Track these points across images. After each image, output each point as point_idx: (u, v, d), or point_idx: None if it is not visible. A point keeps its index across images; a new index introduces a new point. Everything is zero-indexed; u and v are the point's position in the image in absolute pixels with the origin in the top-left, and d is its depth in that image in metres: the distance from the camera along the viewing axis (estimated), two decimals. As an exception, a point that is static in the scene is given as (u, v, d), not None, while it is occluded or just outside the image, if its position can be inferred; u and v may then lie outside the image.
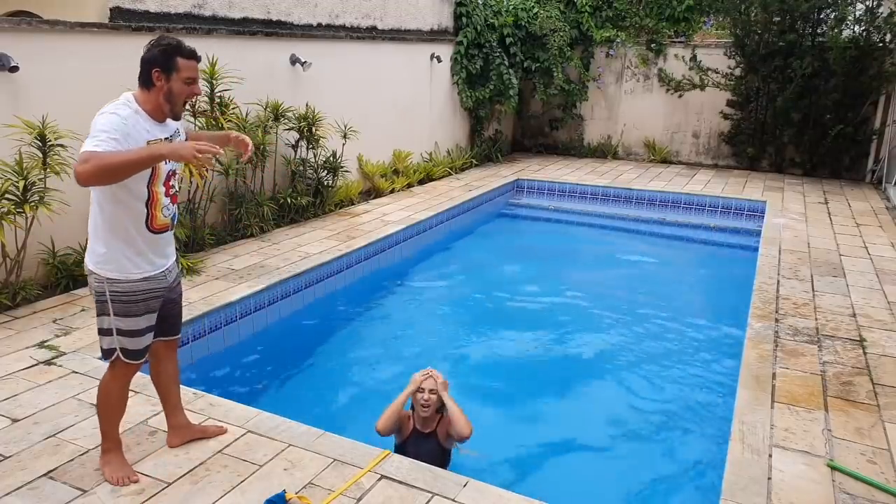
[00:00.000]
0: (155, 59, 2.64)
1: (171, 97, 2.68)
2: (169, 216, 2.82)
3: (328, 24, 8.01)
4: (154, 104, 2.68)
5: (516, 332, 5.70)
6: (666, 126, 11.94)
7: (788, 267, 6.20)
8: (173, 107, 2.71)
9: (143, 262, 2.75)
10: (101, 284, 2.72)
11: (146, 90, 2.68)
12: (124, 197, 2.65)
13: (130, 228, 2.69)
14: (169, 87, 2.66)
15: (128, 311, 2.75)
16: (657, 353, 5.33)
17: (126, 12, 5.68)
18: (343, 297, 6.09)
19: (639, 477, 3.81)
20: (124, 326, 2.77)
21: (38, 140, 4.62)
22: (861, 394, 3.87)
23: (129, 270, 2.72)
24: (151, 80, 2.65)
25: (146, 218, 2.72)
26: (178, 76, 2.66)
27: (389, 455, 3.12)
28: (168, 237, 2.87)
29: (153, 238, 2.77)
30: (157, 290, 2.83)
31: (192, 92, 2.73)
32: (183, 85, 2.68)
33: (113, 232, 2.69)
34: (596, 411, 4.52)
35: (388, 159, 9.34)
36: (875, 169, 10.42)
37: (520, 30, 11.27)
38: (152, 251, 2.78)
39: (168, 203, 2.79)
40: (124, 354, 2.81)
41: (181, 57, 2.66)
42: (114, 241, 2.69)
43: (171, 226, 2.86)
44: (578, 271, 7.53)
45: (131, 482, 2.87)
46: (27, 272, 4.87)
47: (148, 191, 2.68)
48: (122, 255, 2.70)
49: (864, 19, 9.94)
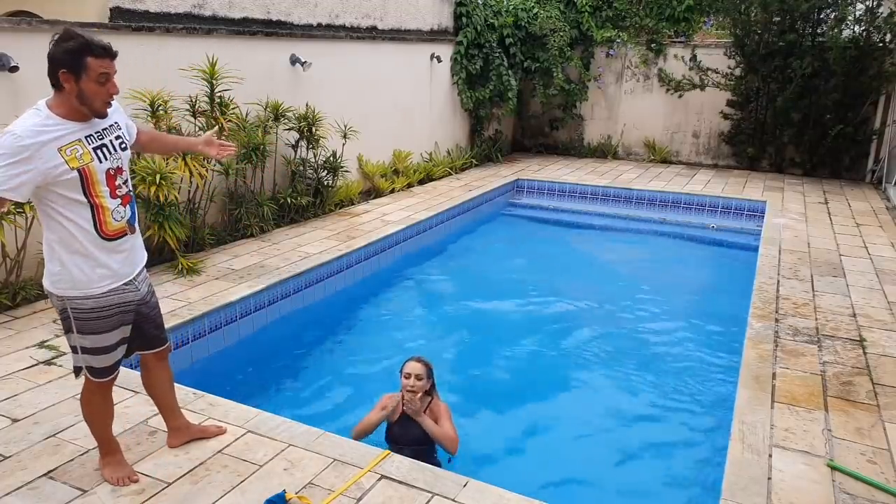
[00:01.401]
0: (60, 59, 2.39)
1: (84, 99, 2.44)
2: (122, 219, 2.61)
3: (328, 24, 8.01)
4: (67, 107, 2.45)
5: (516, 331, 5.69)
6: (666, 126, 11.94)
7: (788, 267, 6.20)
8: (90, 108, 2.48)
9: (104, 274, 2.59)
10: (62, 302, 2.58)
11: (57, 92, 2.45)
12: (63, 207, 2.47)
13: (82, 239, 2.51)
14: (79, 88, 2.42)
15: (93, 329, 2.62)
16: (657, 353, 5.33)
17: (126, 12, 5.68)
18: (343, 298, 6.09)
19: (638, 477, 3.81)
20: (89, 344, 2.64)
21: (38, 140, 4.61)
22: (861, 394, 3.87)
23: (88, 286, 2.56)
24: (59, 81, 2.41)
25: (94, 225, 2.53)
26: (88, 77, 2.41)
27: (389, 455, 3.12)
28: (129, 242, 2.67)
29: (109, 245, 2.58)
30: (127, 304, 2.69)
31: (108, 91, 2.48)
32: (96, 85, 2.43)
33: (65, 246, 2.52)
34: (595, 411, 4.51)
35: (388, 159, 9.34)
36: (875, 169, 10.42)
37: (520, 30, 11.27)
38: (112, 260, 2.60)
39: (118, 206, 2.58)
40: (91, 373, 2.71)
41: (91, 56, 2.40)
42: (68, 256, 2.52)
43: (130, 229, 2.67)
44: (578, 271, 7.52)
45: (131, 482, 2.86)
46: (27, 272, 4.87)
47: (86, 196, 2.48)
48: (80, 271, 2.54)
49: (864, 19, 9.94)
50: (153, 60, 5.70)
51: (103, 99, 2.49)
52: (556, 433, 4.22)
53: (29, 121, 2.41)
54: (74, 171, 2.44)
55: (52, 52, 2.41)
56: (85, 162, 2.47)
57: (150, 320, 2.87)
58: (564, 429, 4.29)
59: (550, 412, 4.50)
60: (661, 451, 4.06)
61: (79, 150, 2.46)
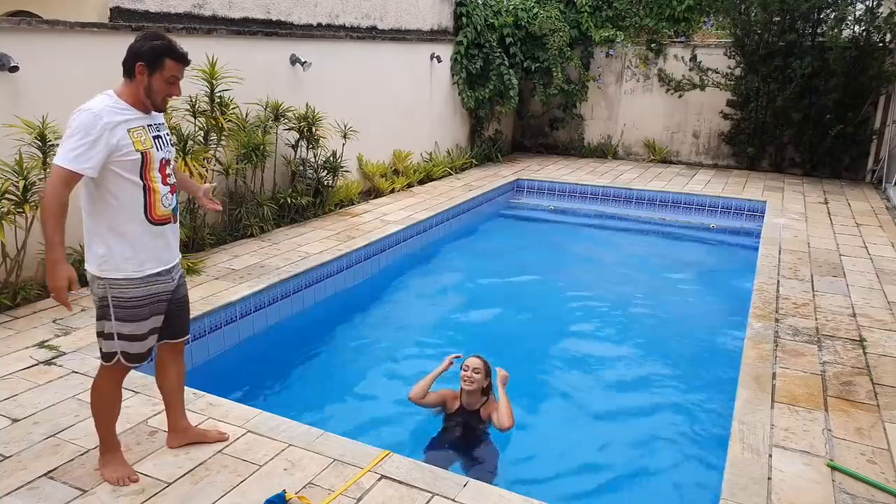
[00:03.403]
0: (143, 53, 2.62)
1: (150, 92, 2.67)
2: (169, 207, 2.76)
3: (328, 24, 8.01)
4: (135, 97, 2.67)
5: (516, 331, 5.70)
6: (666, 126, 11.94)
7: (788, 267, 6.20)
8: (153, 102, 2.70)
9: (147, 260, 2.70)
10: (104, 289, 2.68)
11: (128, 80, 2.67)
12: (118, 188, 2.61)
13: (131, 221, 2.65)
14: (149, 82, 2.65)
15: (131, 316, 2.71)
16: (656, 353, 5.32)
17: (126, 12, 5.68)
18: (343, 298, 6.09)
19: (638, 477, 3.81)
20: (126, 331, 2.73)
21: (38, 140, 4.62)
22: (861, 394, 3.87)
23: (131, 271, 2.67)
24: (134, 71, 2.63)
25: (145, 208, 2.67)
26: (161, 74, 2.65)
27: (389, 455, 3.12)
28: (171, 230, 2.81)
29: (155, 230, 2.71)
30: (162, 294, 2.80)
31: (171, 91, 2.72)
32: (164, 83, 2.68)
33: (113, 228, 2.64)
34: (594, 411, 4.51)
35: (388, 159, 9.34)
36: (875, 169, 10.42)
37: (520, 30, 11.28)
38: (156, 245, 2.73)
39: (167, 192, 2.75)
40: (126, 358, 2.79)
41: (171, 59, 2.66)
42: (114, 239, 2.64)
43: (174, 218, 2.81)
44: (578, 271, 7.52)
45: (131, 482, 2.86)
46: (27, 272, 4.87)
47: (142, 179, 2.65)
48: (122, 256, 2.65)
49: (864, 19, 9.95)
50: (153, 60, 5.69)
51: (166, 95, 2.72)
52: (554, 432, 4.22)
53: (103, 102, 2.60)
54: (138, 153, 2.62)
55: (136, 45, 2.64)
56: (147, 147, 2.66)
57: (180, 311, 2.97)
58: (562, 428, 4.29)
59: (549, 412, 4.50)
60: (661, 451, 4.06)
61: (143, 135, 2.66)
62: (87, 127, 2.51)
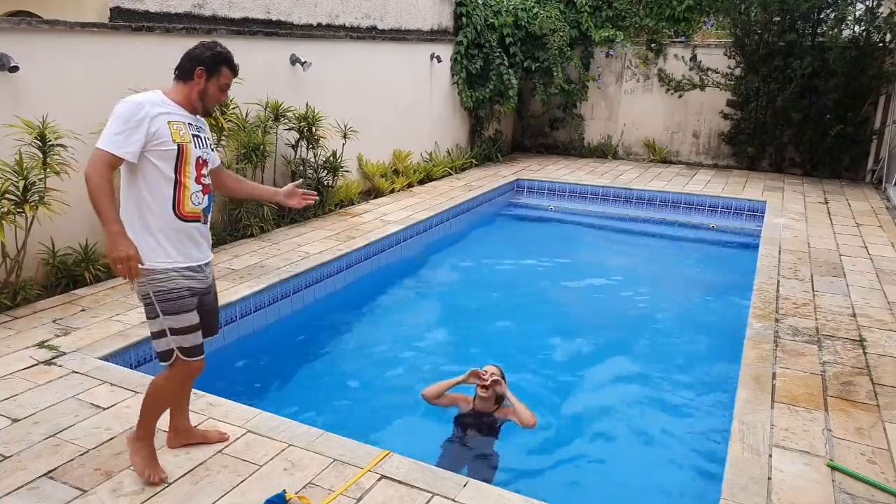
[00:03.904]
0: (203, 59, 2.77)
1: (204, 96, 2.81)
2: (199, 205, 2.80)
3: (328, 24, 8.01)
4: (186, 98, 2.78)
5: (515, 331, 5.69)
6: (666, 126, 11.94)
7: (788, 267, 6.20)
8: (204, 105, 2.83)
9: (174, 253, 2.73)
10: (145, 286, 2.72)
11: (182, 83, 2.79)
12: (151, 180, 2.67)
13: (158, 214, 2.69)
14: (206, 86, 2.79)
15: (177, 308, 2.75)
16: (656, 353, 5.33)
17: (126, 12, 5.68)
18: (343, 297, 6.09)
19: (637, 477, 3.81)
20: (177, 325, 2.76)
21: (38, 140, 4.62)
22: (861, 394, 3.87)
23: (157, 259, 2.69)
24: (192, 75, 2.76)
25: (173, 202, 2.71)
26: (217, 81, 2.81)
27: (389, 455, 3.12)
28: (200, 229, 2.83)
29: (182, 226, 2.74)
30: (197, 290, 2.83)
31: (221, 98, 2.89)
32: (217, 90, 2.83)
33: (142, 220, 2.69)
34: (594, 411, 4.52)
35: (388, 159, 9.34)
36: (875, 169, 10.42)
37: (520, 30, 11.28)
38: (182, 241, 2.75)
39: (198, 191, 2.78)
40: (183, 353, 2.80)
41: (227, 67, 2.83)
42: (140, 229, 2.69)
43: (204, 218, 2.84)
44: (578, 271, 7.52)
45: (160, 480, 2.86)
46: (27, 272, 4.87)
47: (175, 172, 2.70)
48: (148, 246, 2.67)
49: (864, 19, 9.95)
50: (153, 60, 5.69)
51: (216, 101, 2.87)
52: (553, 432, 4.22)
53: (148, 95, 2.72)
54: (176, 144, 2.69)
55: (197, 51, 2.79)
56: (185, 140, 2.73)
57: (210, 310, 3.01)
58: (562, 428, 4.28)
59: (548, 411, 4.49)
60: (661, 451, 4.07)
61: (182, 129, 2.73)
62: (129, 114, 2.61)
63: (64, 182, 4.77)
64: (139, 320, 4.50)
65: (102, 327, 4.40)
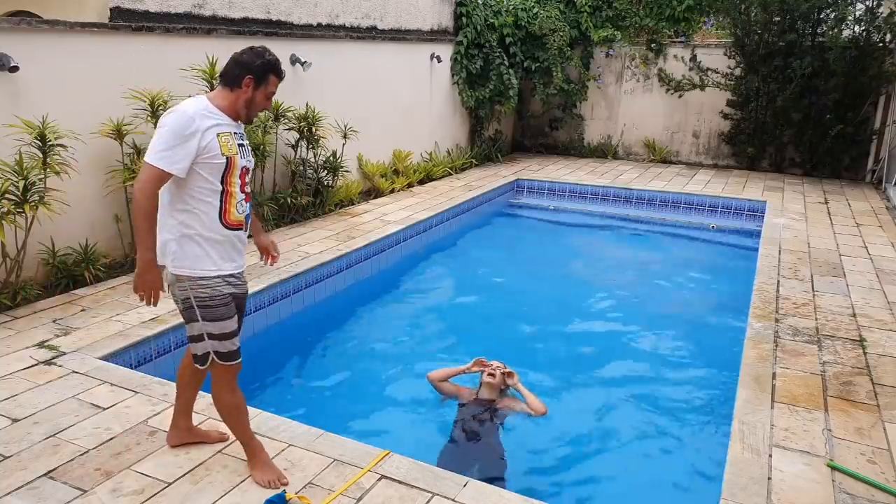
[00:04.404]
0: (252, 66, 2.73)
1: (250, 104, 2.78)
2: (243, 214, 2.81)
3: (328, 24, 8.01)
4: (231, 105, 2.76)
5: (515, 331, 5.69)
6: (666, 126, 11.95)
7: (788, 267, 6.20)
8: (248, 112, 2.80)
9: (220, 260, 2.75)
10: (186, 290, 2.72)
11: (228, 90, 2.76)
12: (198, 190, 2.67)
13: (206, 223, 2.70)
14: (253, 95, 2.76)
15: (216, 315, 2.75)
16: (656, 353, 5.33)
17: (126, 12, 5.68)
18: (343, 298, 6.09)
19: (637, 477, 3.81)
20: (215, 330, 2.77)
21: (37, 140, 4.62)
22: (861, 394, 3.87)
23: (204, 268, 2.71)
24: (240, 83, 2.73)
25: (219, 212, 2.72)
26: (264, 90, 2.78)
27: (389, 455, 3.12)
28: (241, 237, 2.84)
29: (227, 234, 2.76)
30: (237, 296, 2.84)
31: (266, 106, 2.86)
32: (264, 98, 2.81)
33: (189, 228, 2.69)
34: (594, 411, 4.51)
35: (388, 159, 9.34)
36: (875, 169, 10.42)
37: (520, 30, 11.28)
38: (226, 248, 2.77)
39: (242, 199, 2.79)
40: (219, 357, 2.81)
41: (274, 75, 2.79)
42: (186, 238, 2.70)
43: (245, 226, 2.84)
44: (578, 271, 7.53)
45: (282, 485, 2.86)
46: (27, 272, 4.87)
47: (222, 183, 2.70)
48: (194, 254, 2.70)
49: (864, 19, 9.95)
50: (153, 60, 5.69)
51: (260, 109, 2.84)
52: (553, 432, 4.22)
53: (195, 105, 2.69)
54: (224, 157, 2.69)
55: (246, 58, 2.75)
56: (233, 152, 2.73)
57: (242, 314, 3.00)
58: (562, 428, 4.28)
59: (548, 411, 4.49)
60: (660, 451, 4.06)
61: (230, 140, 2.73)
62: (179, 128, 2.60)
63: (64, 182, 4.78)
64: (139, 320, 4.50)
65: (102, 327, 4.40)
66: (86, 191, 5.27)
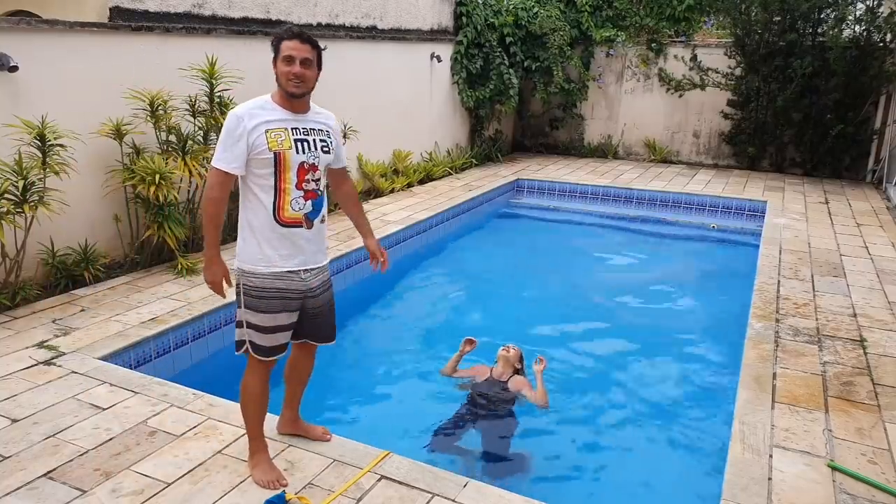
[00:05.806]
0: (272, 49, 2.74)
1: (278, 79, 2.73)
2: (300, 211, 2.75)
3: (328, 23, 8.00)
4: (279, 94, 2.77)
5: (515, 331, 5.68)
6: (666, 126, 11.94)
7: (789, 267, 6.19)
8: (283, 88, 2.72)
9: (271, 256, 2.76)
10: (238, 277, 2.82)
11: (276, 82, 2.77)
12: (255, 185, 2.72)
13: (262, 218, 2.74)
14: (277, 71, 2.72)
15: (258, 307, 2.78)
16: (657, 353, 5.32)
17: (126, 12, 5.67)
18: (342, 298, 6.03)
19: (637, 477, 3.80)
20: (254, 321, 2.80)
21: (37, 140, 4.61)
22: (862, 394, 3.87)
23: (258, 263, 2.76)
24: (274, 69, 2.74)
25: (273, 208, 2.73)
26: (280, 58, 2.70)
27: (389, 455, 3.12)
28: (303, 236, 2.78)
29: (282, 231, 2.74)
30: (292, 291, 2.81)
31: (289, 71, 2.69)
32: (283, 64, 2.69)
33: (248, 222, 2.78)
34: (594, 411, 4.51)
35: (388, 159, 9.33)
36: (876, 169, 10.42)
37: (520, 29, 11.27)
38: (282, 245, 2.76)
39: (299, 196, 2.74)
40: (253, 349, 2.84)
41: (284, 39, 2.71)
42: (248, 231, 2.78)
43: (307, 224, 2.78)
44: (578, 271, 7.52)
45: (281, 486, 2.86)
46: (27, 272, 4.87)
47: (273, 180, 2.70)
48: (253, 247, 2.77)
49: (864, 19, 9.94)
50: (153, 60, 5.69)
51: (286, 77, 2.69)
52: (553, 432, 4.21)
53: (250, 103, 2.74)
54: (272, 153, 2.67)
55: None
56: (284, 148, 2.69)
57: (316, 317, 2.97)
58: (562, 428, 4.28)
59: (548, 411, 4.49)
60: (661, 451, 4.06)
61: (282, 136, 2.70)
62: (230, 129, 2.67)
63: (63, 182, 4.77)
64: (138, 320, 4.50)
65: (102, 327, 4.40)
66: (85, 191, 5.27)
